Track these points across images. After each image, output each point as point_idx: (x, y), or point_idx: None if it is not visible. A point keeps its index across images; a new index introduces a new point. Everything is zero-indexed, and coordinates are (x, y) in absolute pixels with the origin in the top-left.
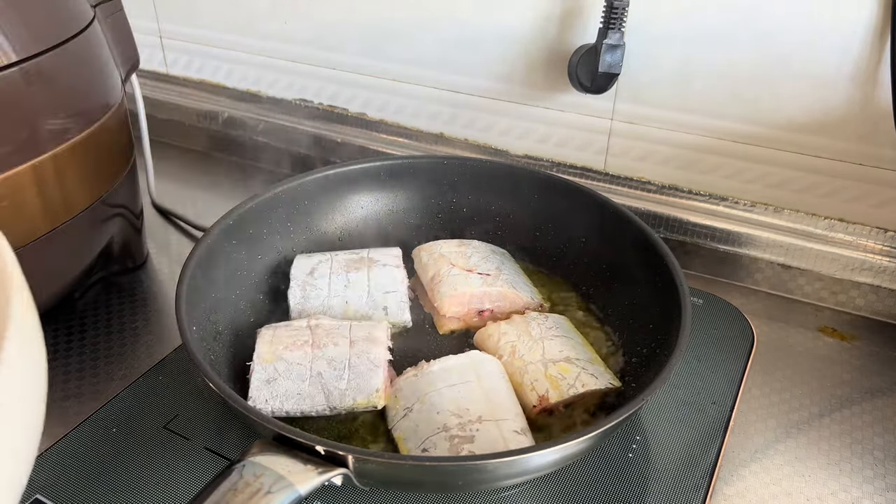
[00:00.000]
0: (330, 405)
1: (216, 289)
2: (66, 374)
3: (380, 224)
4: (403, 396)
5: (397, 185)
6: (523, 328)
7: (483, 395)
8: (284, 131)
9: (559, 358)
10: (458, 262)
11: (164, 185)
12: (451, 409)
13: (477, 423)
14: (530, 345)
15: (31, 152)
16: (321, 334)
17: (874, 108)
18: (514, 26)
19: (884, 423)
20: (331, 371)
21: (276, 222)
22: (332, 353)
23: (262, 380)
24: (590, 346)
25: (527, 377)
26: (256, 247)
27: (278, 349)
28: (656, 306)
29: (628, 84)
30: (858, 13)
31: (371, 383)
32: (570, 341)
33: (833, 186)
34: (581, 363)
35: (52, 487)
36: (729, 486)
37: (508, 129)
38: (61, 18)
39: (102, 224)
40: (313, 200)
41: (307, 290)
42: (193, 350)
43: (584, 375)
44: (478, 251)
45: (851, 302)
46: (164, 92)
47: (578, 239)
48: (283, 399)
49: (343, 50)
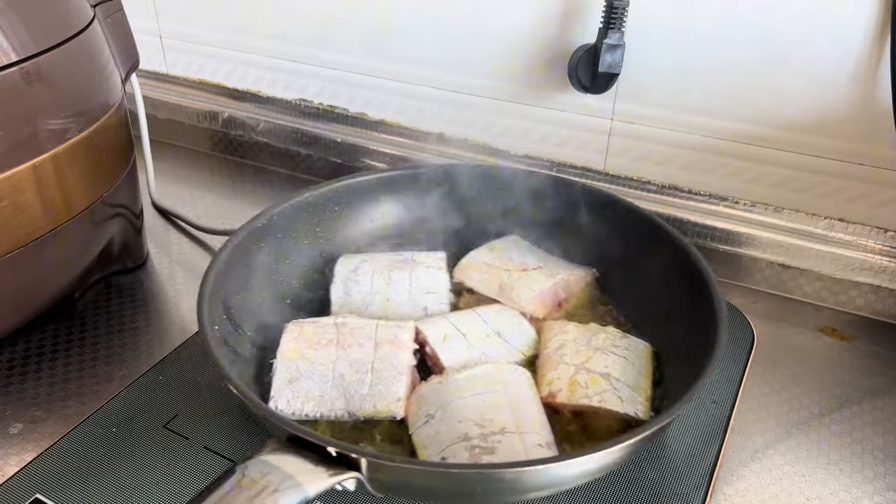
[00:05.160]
0: (349, 410)
1: (241, 290)
2: (66, 374)
3: (413, 230)
4: (426, 403)
5: (430, 192)
6: (587, 335)
7: (508, 405)
8: (284, 131)
9: (598, 370)
10: (508, 266)
11: (164, 185)
12: (473, 418)
13: (499, 434)
14: (581, 350)
15: (31, 152)
16: (347, 333)
17: (874, 107)
18: (514, 26)
19: (884, 423)
20: (353, 374)
21: (305, 226)
22: (356, 355)
23: (284, 379)
24: (648, 380)
25: (551, 373)
26: (284, 250)
27: (302, 346)
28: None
29: (628, 84)
30: (858, 13)
31: (392, 391)
32: (627, 364)
33: (833, 186)
34: (617, 384)
35: (52, 487)
36: (729, 486)
37: (508, 129)
38: (61, 18)
39: (102, 224)
40: (344, 206)
41: (349, 286)
42: (212, 347)
43: (609, 394)
44: (509, 250)
45: (851, 302)
46: (164, 92)
47: (615, 255)
48: (304, 400)
49: (343, 50)
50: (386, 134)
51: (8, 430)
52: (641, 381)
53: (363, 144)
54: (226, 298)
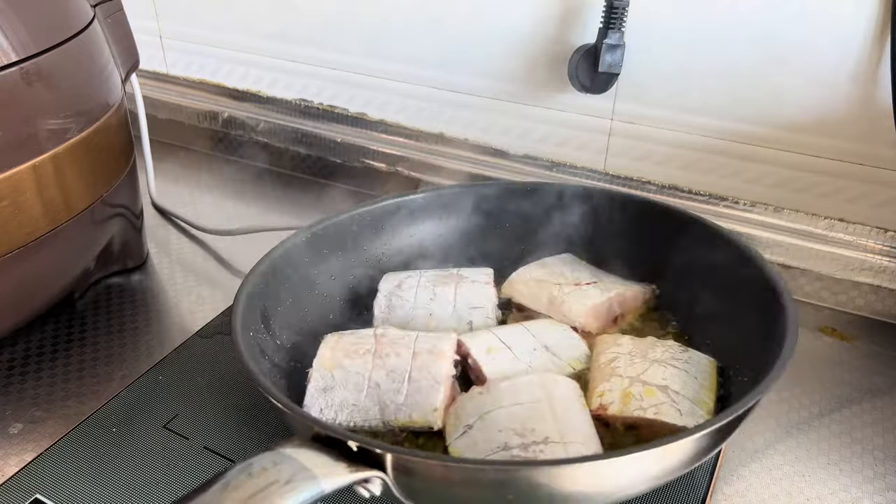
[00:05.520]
0: (384, 419)
1: (281, 301)
2: (66, 374)
3: (459, 249)
4: (465, 414)
5: (480, 212)
6: (643, 348)
7: (552, 415)
8: (284, 131)
9: (655, 383)
10: (559, 281)
11: (164, 185)
12: (514, 427)
13: (542, 443)
14: (637, 362)
15: (31, 152)
16: (385, 343)
17: (874, 107)
18: (514, 26)
19: (884, 423)
20: (389, 383)
21: (353, 242)
22: (393, 364)
23: (318, 388)
24: (712, 394)
25: (602, 385)
26: (330, 266)
27: (338, 356)
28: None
29: (628, 84)
30: (858, 13)
31: (430, 400)
32: (687, 377)
33: (833, 186)
34: (676, 397)
35: (52, 487)
36: (729, 486)
37: (508, 128)
38: (61, 18)
39: (102, 224)
40: (391, 224)
41: (392, 301)
42: (241, 348)
43: (666, 407)
44: (562, 266)
45: (851, 302)
46: (164, 92)
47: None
48: (338, 409)
49: (343, 50)
50: (386, 134)
51: (8, 430)
52: (703, 394)
53: (363, 144)
54: (264, 307)
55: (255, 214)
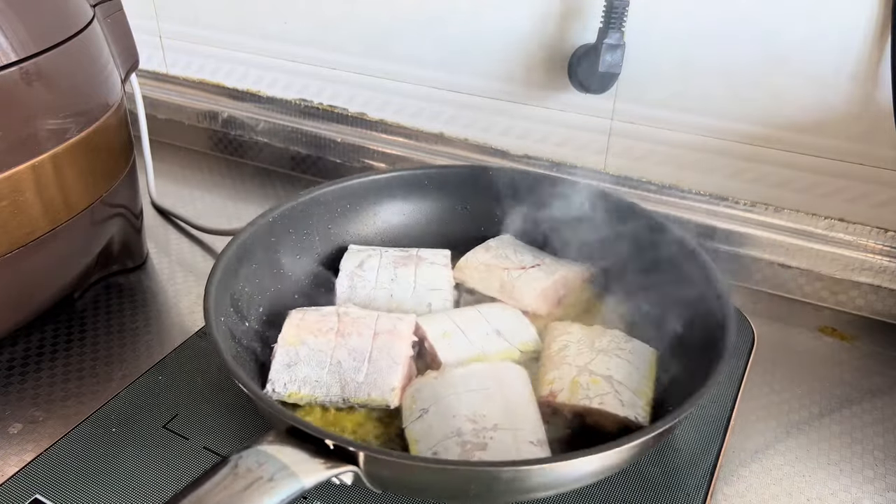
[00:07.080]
0: (344, 396)
1: (249, 284)
2: (66, 374)
3: (420, 230)
4: (421, 398)
5: (439, 193)
6: (591, 337)
7: (502, 402)
8: (284, 131)
9: (600, 373)
10: (507, 265)
11: (164, 185)
12: (466, 413)
13: (492, 430)
14: (584, 351)
15: (31, 152)
16: (348, 322)
17: (874, 107)
18: (514, 26)
19: (884, 423)
20: (350, 361)
21: (317, 223)
22: (355, 344)
23: (283, 363)
24: (651, 384)
25: (553, 372)
26: (295, 246)
27: (303, 333)
28: (695, 331)
29: (628, 84)
30: (858, 12)
31: (388, 380)
32: (630, 368)
33: (833, 186)
34: (619, 387)
35: (52, 487)
36: (729, 486)
37: (508, 128)
38: (61, 18)
39: (102, 224)
40: (355, 204)
41: (354, 281)
42: (217, 340)
43: (610, 397)
44: (505, 249)
45: (851, 302)
46: (164, 92)
47: (620, 255)
48: (301, 384)
49: (343, 50)
50: (386, 134)
51: (8, 430)
52: (643, 385)
53: (363, 144)
54: (233, 290)
55: (255, 214)
